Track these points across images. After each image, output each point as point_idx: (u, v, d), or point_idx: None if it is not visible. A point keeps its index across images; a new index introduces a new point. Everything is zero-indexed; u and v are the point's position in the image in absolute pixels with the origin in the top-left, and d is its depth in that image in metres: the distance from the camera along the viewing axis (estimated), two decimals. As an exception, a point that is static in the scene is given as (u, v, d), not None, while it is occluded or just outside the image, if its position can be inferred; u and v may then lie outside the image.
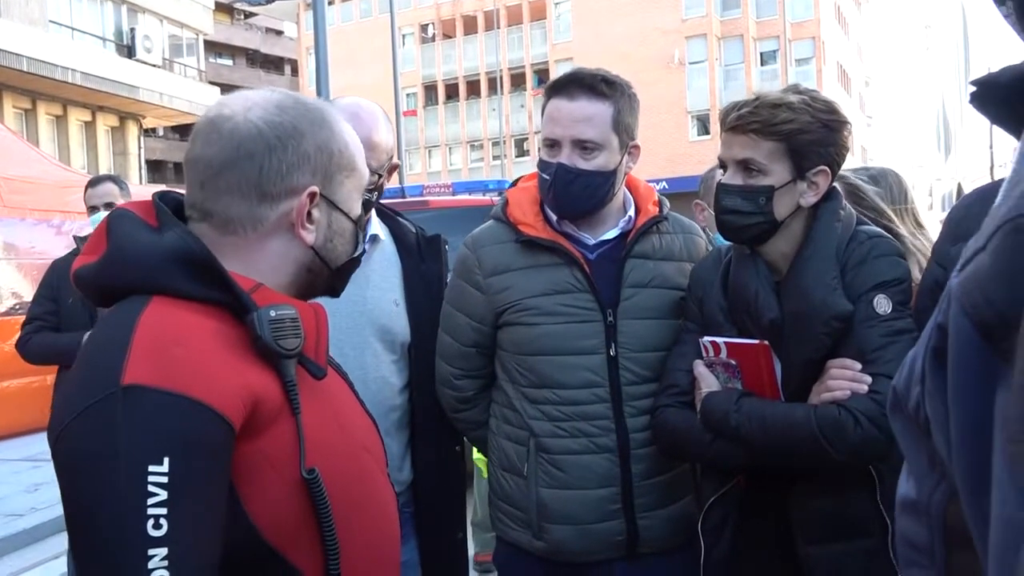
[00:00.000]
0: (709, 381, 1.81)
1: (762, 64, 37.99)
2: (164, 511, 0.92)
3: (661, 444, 1.91)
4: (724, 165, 1.83)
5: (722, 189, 1.80)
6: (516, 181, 2.16)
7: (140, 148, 21.75)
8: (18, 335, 3.85)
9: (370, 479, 1.19)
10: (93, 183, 3.99)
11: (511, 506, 2.02)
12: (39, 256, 7.63)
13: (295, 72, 46.88)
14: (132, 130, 21.29)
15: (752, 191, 1.76)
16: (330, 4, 29.69)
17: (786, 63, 37.52)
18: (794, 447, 1.68)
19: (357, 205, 1.23)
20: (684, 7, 37.04)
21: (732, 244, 1.89)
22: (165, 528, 0.92)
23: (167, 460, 0.93)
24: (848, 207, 1.85)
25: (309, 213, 1.16)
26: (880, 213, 2.23)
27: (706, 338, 1.83)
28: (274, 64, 50.45)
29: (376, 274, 2.08)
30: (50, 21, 18.42)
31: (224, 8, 35.30)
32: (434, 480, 2.13)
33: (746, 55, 37.45)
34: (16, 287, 8.11)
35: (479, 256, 2.03)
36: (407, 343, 2.12)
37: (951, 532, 0.63)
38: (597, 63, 2.54)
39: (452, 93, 44.15)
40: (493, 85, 40.18)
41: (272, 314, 1.07)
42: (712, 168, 2.98)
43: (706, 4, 36.69)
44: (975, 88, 0.64)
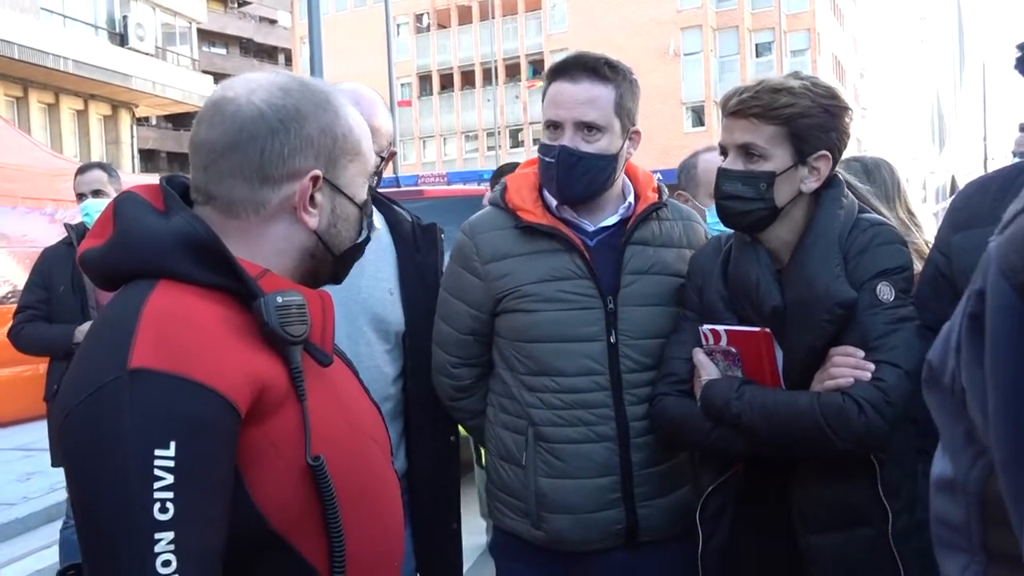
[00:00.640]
0: (709, 369, 1.79)
1: (757, 56, 37.99)
2: (170, 495, 0.92)
3: (660, 433, 1.90)
4: (725, 152, 1.81)
5: (723, 174, 1.79)
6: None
7: (133, 137, 21.62)
8: (10, 324, 3.84)
9: (378, 469, 1.18)
10: (82, 170, 3.99)
11: (510, 496, 2.00)
12: (31, 244, 7.59)
13: (289, 61, 46.72)
14: (125, 119, 21.15)
15: (753, 176, 1.75)
16: (324, -7, 29.50)
17: (781, 54, 37.54)
18: (797, 435, 1.67)
19: (362, 190, 1.21)
20: (679, -3, 37.05)
21: (733, 232, 1.88)
22: (171, 512, 0.91)
23: (173, 444, 0.93)
24: (850, 195, 1.85)
25: (312, 197, 1.14)
26: (870, 206, 2.21)
27: (706, 326, 1.81)
28: (268, 53, 50.29)
29: (371, 263, 2.05)
30: (41, 8, 18.25)
31: (217, -4, 35.15)
32: (429, 470, 2.12)
33: (741, 46, 37.45)
34: (8, 275, 8.10)
35: (477, 242, 2.01)
36: (401, 332, 2.11)
37: (990, 509, 0.62)
38: (592, 54, 2.52)
39: (447, 83, 44.09)
40: (488, 75, 40.10)
41: (279, 300, 1.06)
42: (691, 155, 2.95)
43: (702, -5, 36.71)
44: (1021, 53, 0.64)
